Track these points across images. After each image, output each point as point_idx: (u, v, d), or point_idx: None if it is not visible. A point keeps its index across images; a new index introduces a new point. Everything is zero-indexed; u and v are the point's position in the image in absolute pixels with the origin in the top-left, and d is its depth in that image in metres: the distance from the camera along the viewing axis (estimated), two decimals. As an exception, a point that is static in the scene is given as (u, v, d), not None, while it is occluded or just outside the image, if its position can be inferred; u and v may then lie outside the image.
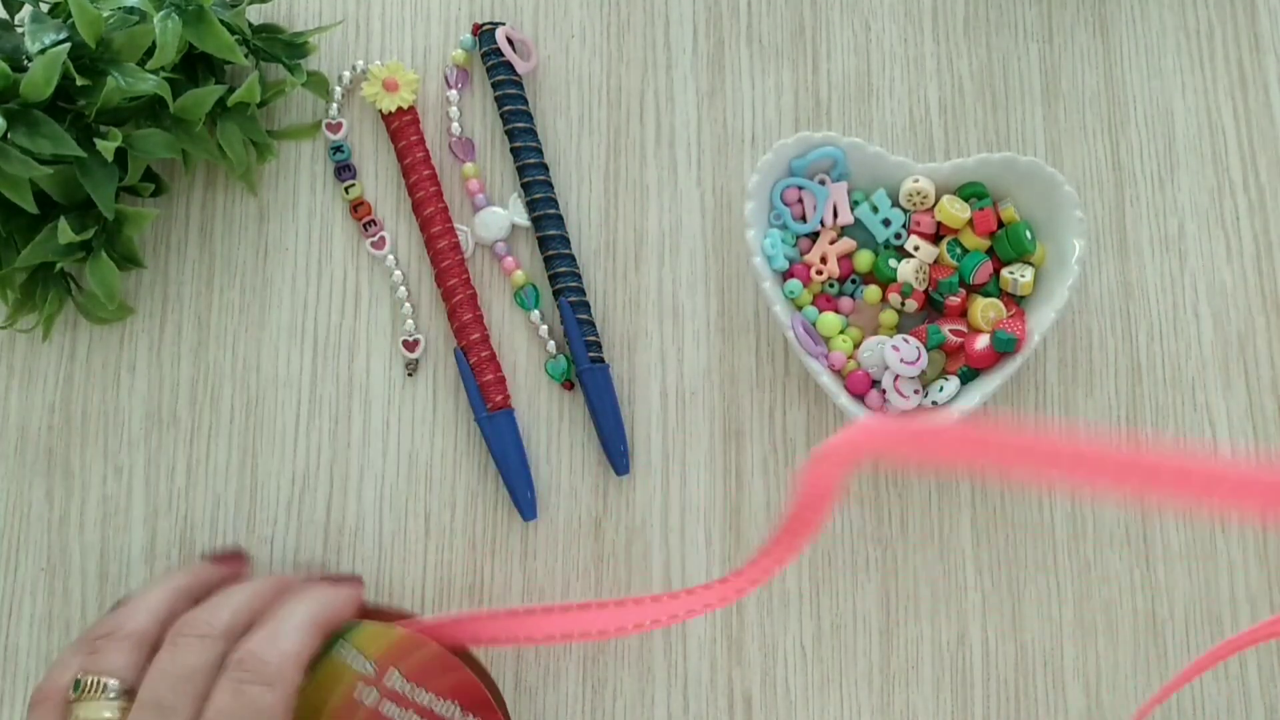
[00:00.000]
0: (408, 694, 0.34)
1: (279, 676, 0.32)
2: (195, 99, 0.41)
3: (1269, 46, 0.47)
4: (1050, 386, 0.44)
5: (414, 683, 0.34)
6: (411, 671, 0.34)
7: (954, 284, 0.42)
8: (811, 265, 0.43)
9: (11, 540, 0.42)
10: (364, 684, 0.34)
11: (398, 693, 0.34)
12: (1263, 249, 0.45)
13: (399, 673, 0.34)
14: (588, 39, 0.47)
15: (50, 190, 0.40)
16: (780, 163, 0.42)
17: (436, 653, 0.34)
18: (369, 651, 0.34)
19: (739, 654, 0.41)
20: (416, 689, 0.34)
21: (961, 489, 0.43)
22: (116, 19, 0.39)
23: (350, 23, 0.47)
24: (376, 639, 0.34)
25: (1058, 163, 0.46)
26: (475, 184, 0.45)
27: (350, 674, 0.34)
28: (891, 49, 0.47)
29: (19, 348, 0.44)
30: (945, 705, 0.41)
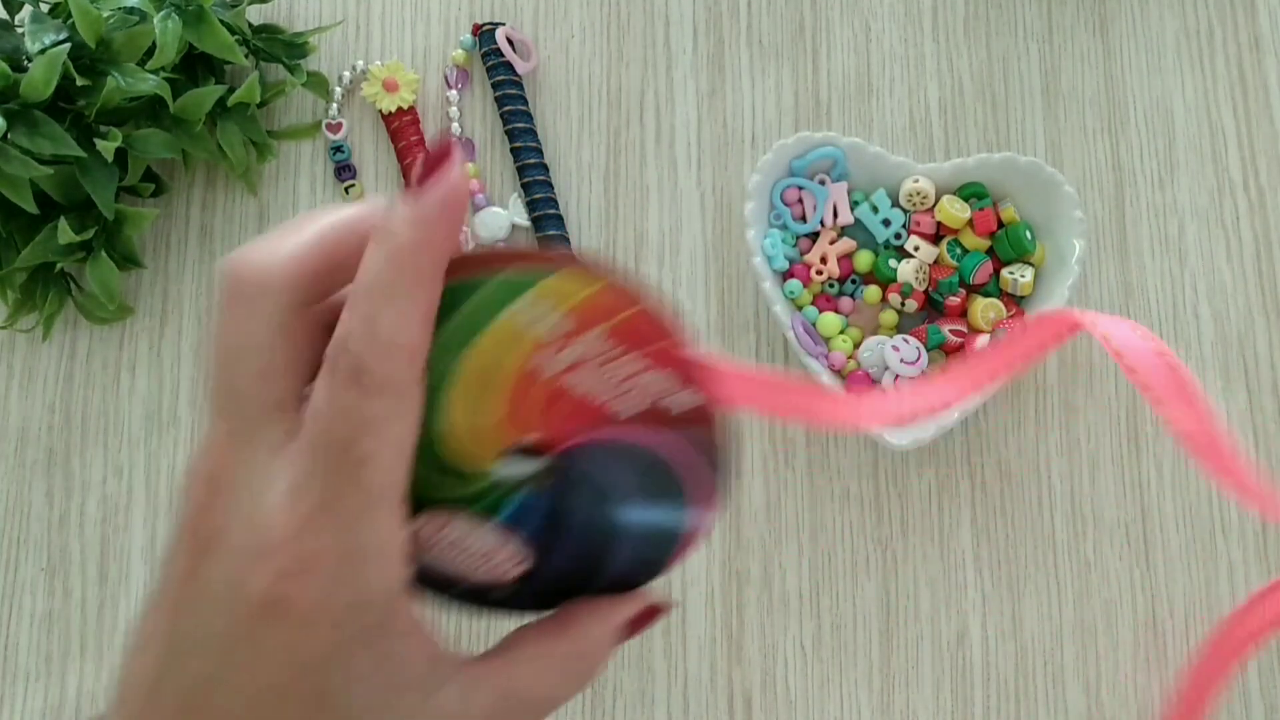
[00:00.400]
0: (606, 360, 0.25)
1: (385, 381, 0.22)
2: (195, 99, 0.41)
3: (1269, 46, 0.47)
4: (1050, 386, 0.44)
5: (616, 346, 0.25)
6: (615, 333, 0.25)
7: (954, 284, 0.42)
8: (811, 265, 0.43)
9: (11, 540, 0.42)
10: (546, 350, 0.25)
11: (595, 357, 0.25)
12: (1263, 249, 0.45)
13: (600, 333, 0.25)
14: (588, 39, 0.47)
15: (50, 190, 0.40)
16: (780, 163, 0.42)
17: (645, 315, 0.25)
18: (563, 302, 0.25)
19: (739, 654, 0.41)
20: (618, 355, 0.25)
21: (961, 489, 0.43)
22: (116, 19, 0.39)
23: (350, 23, 0.47)
24: (574, 289, 0.25)
25: (1058, 163, 0.46)
26: (475, 184, 0.45)
27: (528, 340, 0.25)
28: (891, 49, 0.47)
29: (19, 348, 0.44)
30: (945, 705, 0.41)
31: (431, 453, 0.26)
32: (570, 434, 0.26)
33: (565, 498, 0.26)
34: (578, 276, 0.25)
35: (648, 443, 0.26)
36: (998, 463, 0.43)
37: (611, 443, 0.26)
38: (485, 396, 0.26)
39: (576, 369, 0.25)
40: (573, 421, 0.26)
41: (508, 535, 0.27)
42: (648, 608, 0.28)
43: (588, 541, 0.27)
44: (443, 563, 0.27)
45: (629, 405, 0.25)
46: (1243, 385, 0.44)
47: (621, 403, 0.25)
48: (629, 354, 0.25)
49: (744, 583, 0.42)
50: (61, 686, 0.41)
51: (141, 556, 0.42)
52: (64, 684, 0.41)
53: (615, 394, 0.25)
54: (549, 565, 0.27)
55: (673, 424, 0.26)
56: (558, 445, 0.26)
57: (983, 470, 0.43)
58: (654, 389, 0.25)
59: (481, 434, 0.26)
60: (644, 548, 0.28)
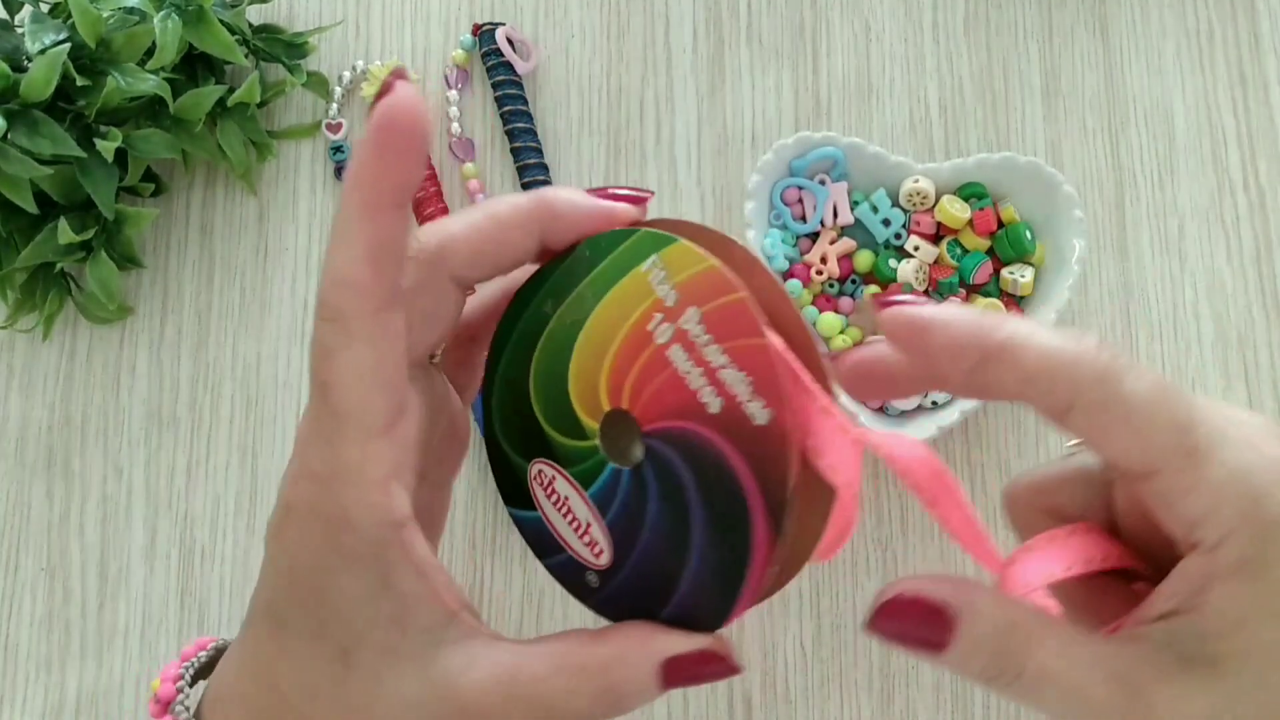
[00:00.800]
0: (701, 343, 0.26)
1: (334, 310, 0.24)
2: (195, 99, 0.41)
3: (1269, 46, 0.47)
4: (1050, 386, 0.44)
5: (710, 332, 0.25)
6: (711, 317, 0.25)
7: (954, 284, 0.42)
8: (811, 265, 0.43)
9: (11, 540, 0.42)
10: (661, 315, 0.26)
11: (690, 337, 0.26)
12: (1263, 249, 0.45)
13: (700, 314, 0.26)
14: (588, 39, 0.47)
15: (50, 190, 0.40)
16: (780, 163, 0.42)
17: (749, 303, 0.25)
18: (676, 273, 0.26)
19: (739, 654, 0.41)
20: (711, 342, 0.25)
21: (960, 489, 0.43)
22: (116, 19, 0.39)
23: (350, 23, 0.47)
24: (689, 262, 0.26)
25: (1058, 163, 0.46)
26: (475, 184, 0.45)
27: (652, 300, 0.26)
28: (891, 49, 0.47)
29: (19, 348, 0.44)
30: (945, 705, 0.41)
31: (559, 396, 0.28)
32: (662, 414, 0.26)
33: (648, 485, 0.27)
34: (695, 254, 0.26)
35: (724, 451, 0.26)
36: (998, 463, 0.43)
37: (694, 437, 0.26)
38: (605, 345, 0.27)
39: (677, 344, 0.26)
40: (666, 400, 0.26)
41: (598, 514, 0.28)
42: (701, 652, 0.26)
43: (661, 549, 0.27)
44: (553, 520, 0.29)
45: (713, 399, 0.25)
46: (1243, 385, 0.44)
47: (707, 394, 0.25)
48: (717, 343, 0.25)
49: (744, 583, 0.42)
50: (61, 686, 0.41)
51: (142, 556, 0.42)
52: (64, 684, 0.41)
53: (704, 384, 0.25)
54: (626, 569, 0.28)
55: (750, 445, 0.25)
56: (650, 423, 0.26)
57: (983, 470, 0.43)
58: (736, 389, 0.25)
59: (594, 387, 0.27)
60: (707, 577, 0.27)
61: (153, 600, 0.42)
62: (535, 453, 0.29)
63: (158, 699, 0.27)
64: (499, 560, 0.42)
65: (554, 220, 0.27)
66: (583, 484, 0.28)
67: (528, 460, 0.29)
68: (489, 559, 0.42)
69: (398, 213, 0.24)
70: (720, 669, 0.27)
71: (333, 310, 0.24)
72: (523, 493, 0.29)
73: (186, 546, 0.42)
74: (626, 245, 0.27)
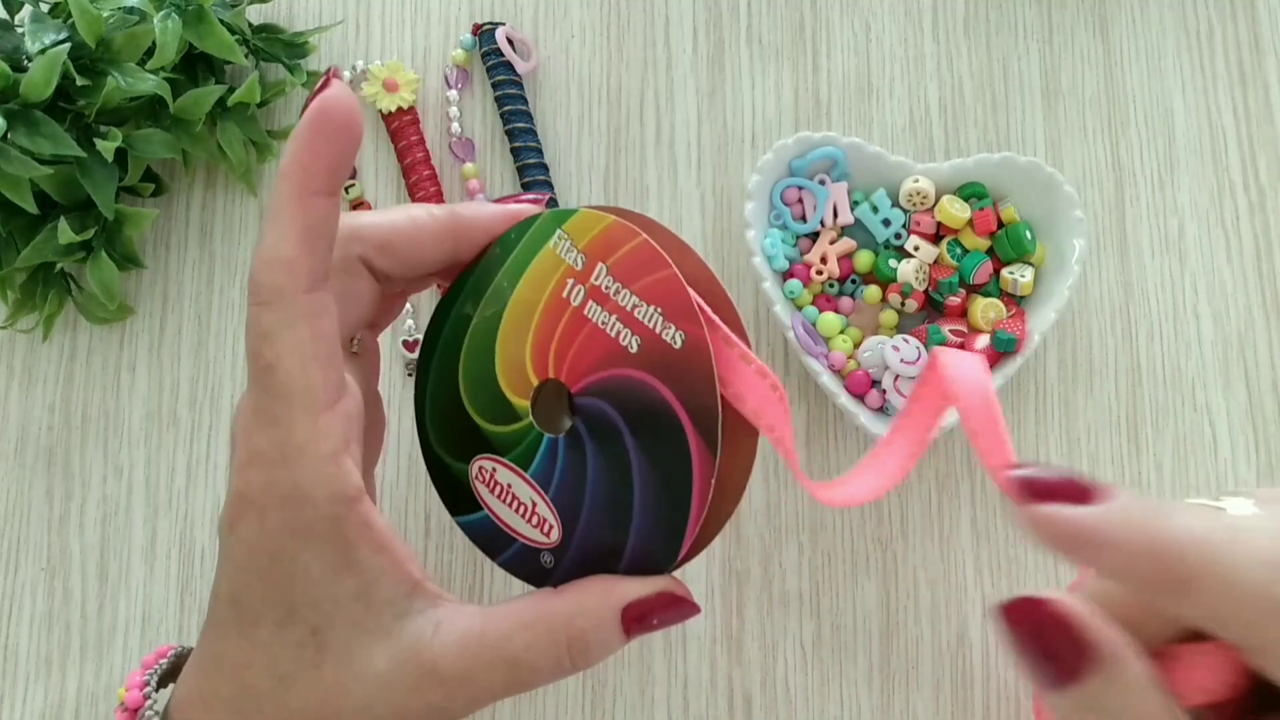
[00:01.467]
0: (612, 294, 0.28)
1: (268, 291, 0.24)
2: (195, 99, 0.41)
3: (1269, 46, 0.47)
4: (1050, 386, 0.44)
5: (619, 280, 0.28)
6: (618, 267, 0.28)
7: (954, 284, 0.42)
8: (811, 265, 0.43)
9: (11, 540, 0.42)
10: (573, 280, 0.28)
11: (602, 291, 0.28)
12: (1263, 249, 0.45)
13: (606, 268, 0.28)
14: (588, 39, 0.47)
15: (50, 190, 0.40)
16: (780, 163, 0.42)
17: (643, 245, 0.28)
18: (580, 239, 0.29)
19: (739, 654, 0.41)
20: (621, 289, 0.28)
21: (961, 489, 0.43)
22: (116, 19, 0.39)
23: (350, 23, 0.47)
24: (589, 225, 0.29)
25: (1058, 163, 0.46)
26: (475, 184, 0.45)
27: (562, 269, 0.29)
28: (891, 49, 0.47)
29: (19, 348, 0.44)
30: (945, 705, 0.41)
31: (491, 388, 0.29)
32: (587, 369, 0.28)
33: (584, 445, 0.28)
34: (594, 217, 0.29)
35: (650, 382, 0.27)
36: (998, 463, 0.43)
37: (619, 380, 0.28)
38: (526, 324, 0.29)
39: (591, 301, 0.28)
40: (589, 356, 0.28)
41: (541, 491, 0.29)
42: (660, 593, 0.27)
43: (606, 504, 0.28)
44: (499, 514, 0.30)
45: (632, 339, 0.28)
46: (1243, 385, 0.44)
47: (625, 336, 0.28)
48: (627, 286, 0.28)
49: (744, 582, 0.42)
50: (61, 686, 0.41)
51: (141, 556, 0.42)
52: (64, 684, 0.41)
53: (622, 327, 0.28)
54: (577, 536, 0.28)
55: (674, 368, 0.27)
56: (577, 383, 0.28)
57: (982, 470, 0.43)
58: (649, 322, 0.28)
59: (521, 368, 0.29)
60: (653, 517, 0.28)
61: (153, 600, 0.42)
62: (474, 452, 0.30)
63: (125, 706, 0.27)
64: (499, 560, 0.42)
65: (465, 229, 0.29)
66: (522, 465, 0.29)
67: (467, 462, 0.30)
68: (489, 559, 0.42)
69: (329, 199, 0.25)
70: (679, 610, 0.27)
71: (269, 291, 0.24)
72: (467, 496, 0.30)
73: (186, 546, 0.42)
74: (532, 230, 0.29)
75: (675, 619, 0.27)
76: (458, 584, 0.42)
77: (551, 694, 0.41)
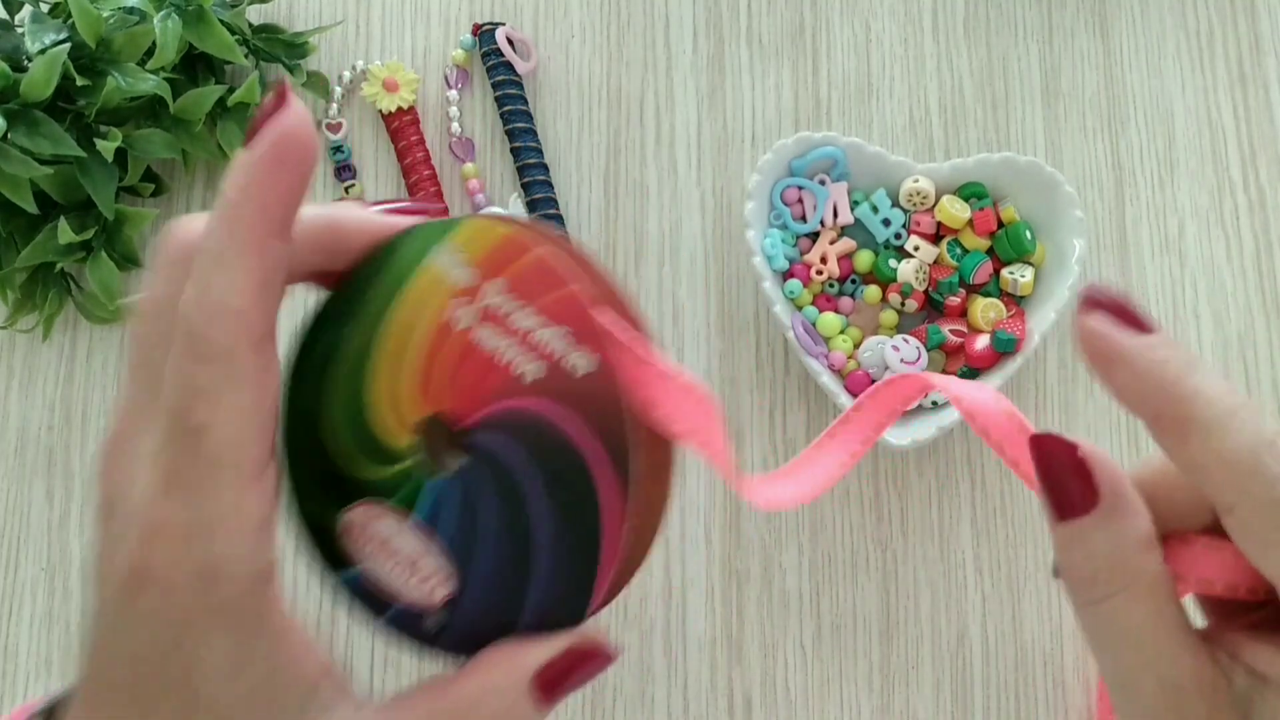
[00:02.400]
0: (507, 315, 0.24)
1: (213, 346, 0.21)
2: (195, 99, 0.41)
3: (1269, 46, 0.47)
4: (1050, 386, 0.44)
5: (517, 298, 0.24)
6: (516, 283, 0.24)
7: (954, 284, 0.42)
8: (811, 265, 0.43)
9: (11, 540, 0.42)
10: (460, 300, 0.24)
11: (495, 312, 0.24)
12: (1263, 249, 0.45)
13: (502, 284, 0.24)
14: (588, 39, 0.47)
15: (50, 190, 0.40)
16: (780, 163, 0.42)
17: (545, 259, 0.24)
18: (468, 253, 0.25)
19: (739, 654, 0.41)
20: (519, 308, 0.24)
21: (961, 489, 0.43)
22: (116, 19, 0.39)
23: (350, 23, 0.47)
24: (479, 237, 0.25)
25: (1058, 163, 0.46)
26: (475, 184, 0.45)
27: (446, 288, 0.25)
28: (891, 49, 0.47)
29: (19, 348, 0.44)
30: (945, 705, 0.41)
31: (360, 426, 0.25)
32: (479, 403, 0.24)
33: (477, 487, 0.24)
34: (483, 227, 0.24)
35: (552, 416, 0.24)
36: (998, 463, 0.43)
37: (517, 414, 0.24)
38: (406, 355, 0.25)
39: (483, 324, 0.24)
40: (481, 386, 0.24)
41: (428, 539, 0.25)
42: (571, 650, 0.24)
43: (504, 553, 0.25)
44: (376, 571, 0.26)
45: (531, 367, 0.24)
46: (1243, 385, 0.44)
47: (524, 363, 0.24)
48: (527, 306, 0.24)
49: (744, 583, 0.42)
50: (61, 686, 0.41)
51: (141, 556, 0.42)
52: (64, 684, 0.41)
53: (518, 353, 0.24)
54: (470, 589, 0.25)
55: (579, 398, 0.24)
56: (468, 417, 0.24)
57: (983, 470, 0.43)
58: (552, 346, 0.24)
59: (401, 401, 0.25)
60: (558, 562, 0.24)
61: (153, 600, 0.42)
62: (346, 499, 0.26)
63: None
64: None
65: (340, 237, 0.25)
66: (404, 513, 0.25)
67: (340, 511, 0.26)
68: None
69: (285, 242, 0.22)
70: (594, 664, 0.25)
71: (216, 348, 0.21)
72: (339, 550, 0.26)
73: (186, 546, 0.42)
74: (413, 243, 0.25)
75: (592, 674, 0.25)
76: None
77: (551, 694, 0.41)
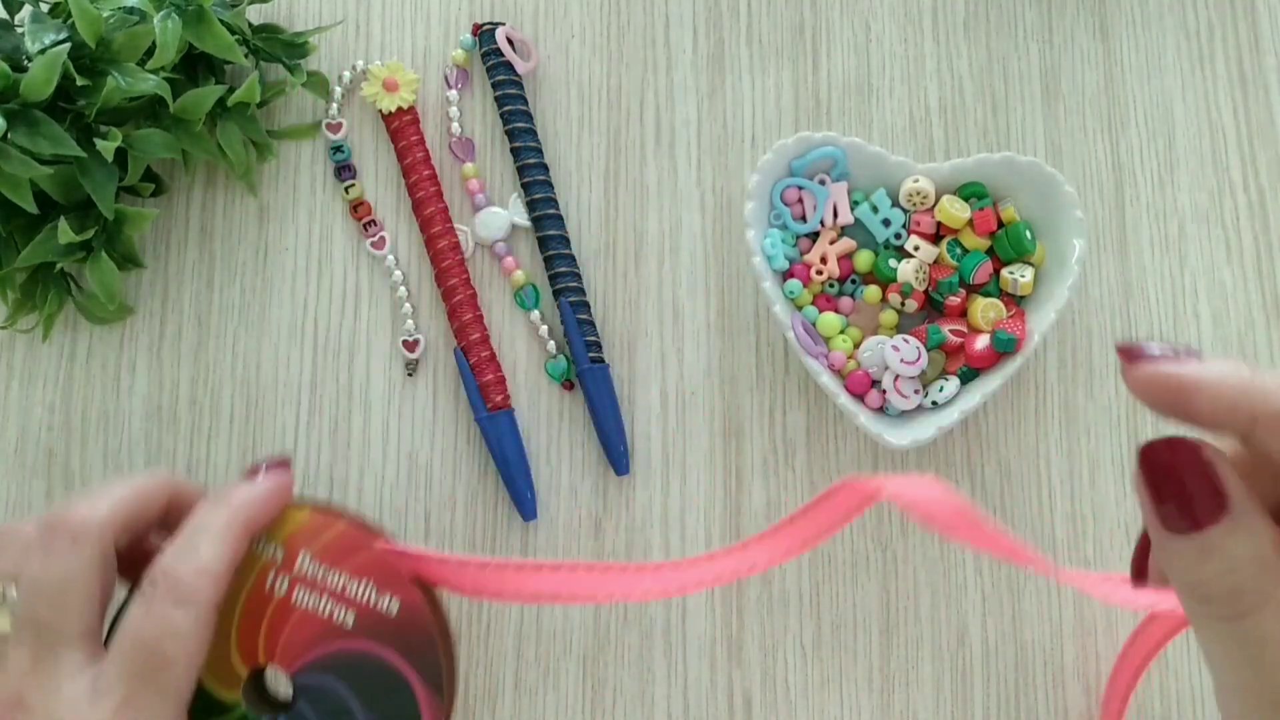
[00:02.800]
0: (319, 577, 0.31)
1: (193, 595, 0.28)
2: (195, 99, 0.41)
3: (1269, 46, 0.47)
4: (1050, 386, 0.44)
5: (325, 564, 0.31)
6: (322, 552, 0.31)
7: (954, 284, 0.42)
8: (811, 265, 0.43)
9: (11, 540, 0.42)
10: (274, 572, 0.31)
11: (309, 577, 0.31)
12: (1263, 249, 0.45)
13: (309, 555, 0.31)
14: (588, 39, 0.47)
15: (50, 190, 0.40)
16: (780, 163, 0.42)
17: (347, 530, 0.31)
18: (277, 535, 0.31)
19: (739, 654, 0.41)
20: (329, 571, 0.31)
21: (961, 489, 0.43)
22: (116, 19, 0.39)
23: (350, 23, 0.47)
24: (285, 522, 0.32)
25: (1058, 163, 0.46)
26: (475, 184, 0.45)
27: (259, 563, 0.31)
28: (891, 49, 0.47)
29: (19, 348, 0.44)
30: (945, 705, 0.41)
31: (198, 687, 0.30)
32: (304, 650, 0.30)
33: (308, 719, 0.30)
34: (290, 512, 0.31)
35: (373, 651, 0.30)
36: (998, 463, 0.43)
37: (341, 655, 0.30)
38: (227, 622, 0.30)
39: (298, 587, 0.31)
40: (302, 637, 0.30)
41: None
42: None
43: None
44: None
45: (347, 614, 0.30)
46: (1243, 385, 0.44)
47: (340, 613, 0.30)
48: (335, 568, 0.31)
49: (744, 583, 0.42)
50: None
51: (141, 556, 0.42)
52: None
53: (335, 606, 0.30)
54: None
55: (395, 634, 0.30)
56: (294, 665, 0.30)
57: (983, 470, 0.43)
58: (364, 595, 0.31)
59: (224, 661, 0.30)
60: None
61: (153, 600, 0.42)
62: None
63: None
64: (499, 560, 0.42)
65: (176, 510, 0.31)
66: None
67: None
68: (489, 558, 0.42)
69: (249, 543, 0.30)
70: None
71: (196, 596, 0.28)
72: None
73: (186, 546, 0.42)
74: None
75: None
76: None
77: (551, 694, 0.41)
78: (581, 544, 0.42)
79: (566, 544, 0.42)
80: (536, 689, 0.41)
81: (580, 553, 0.42)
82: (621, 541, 0.42)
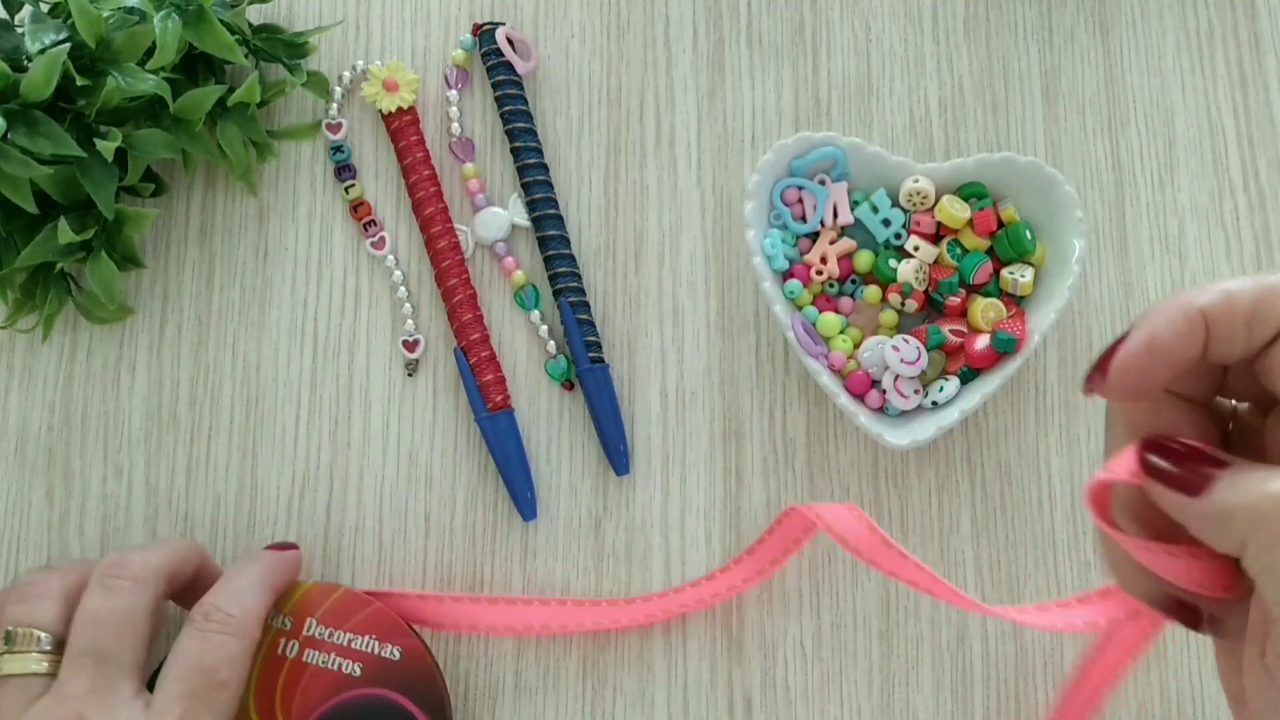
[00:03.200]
0: (326, 637, 0.36)
1: (243, 629, 0.33)
2: (195, 99, 0.41)
3: (1269, 46, 0.47)
4: (1050, 386, 0.44)
5: (330, 626, 0.37)
6: (326, 616, 0.37)
7: (954, 284, 0.42)
8: (811, 265, 0.43)
9: (11, 540, 0.42)
10: (285, 639, 0.36)
11: (317, 639, 0.36)
12: (1263, 249, 0.45)
13: (315, 620, 0.37)
14: (588, 39, 0.47)
15: (50, 190, 0.40)
16: (780, 163, 0.42)
17: (345, 595, 0.37)
18: (284, 607, 0.37)
19: (739, 654, 0.41)
20: (334, 631, 0.36)
21: (961, 489, 0.43)
22: (116, 19, 0.39)
23: (350, 23, 0.47)
24: (290, 595, 0.37)
25: (1058, 163, 0.46)
26: (475, 184, 0.45)
27: (270, 632, 0.36)
28: (891, 49, 0.47)
29: (19, 348, 0.44)
30: (945, 705, 0.41)
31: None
32: (318, 701, 0.36)
33: None
34: (294, 587, 0.37)
35: (381, 694, 0.35)
36: (998, 463, 0.43)
37: (350, 701, 0.35)
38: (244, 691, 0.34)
39: (307, 649, 0.36)
40: (315, 690, 0.36)
41: None
42: None
43: None
44: None
45: (355, 666, 0.36)
46: (1243, 385, 0.44)
47: (348, 666, 0.36)
48: (339, 629, 0.37)
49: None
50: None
51: (141, 556, 0.42)
52: (64, 684, 0.41)
53: (341, 660, 0.36)
54: None
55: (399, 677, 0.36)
56: (310, 716, 0.35)
57: (983, 470, 0.43)
58: (368, 648, 0.36)
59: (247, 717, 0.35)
60: None
61: (153, 600, 0.42)
62: None
63: None
64: (499, 560, 0.42)
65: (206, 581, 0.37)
66: None
67: None
68: (489, 558, 0.42)
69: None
70: None
71: (245, 631, 0.34)
72: None
73: (186, 546, 0.42)
74: None
75: None
76: (457, 584, 0.42)
77: (551, 694, 0.41)
78: (581, 544, 0.42)
79: (566, 544, 0.42)
80: (536, 689, 0.41)
81: (580, 552, 0.42)
82: (621, 541, 0.42)
